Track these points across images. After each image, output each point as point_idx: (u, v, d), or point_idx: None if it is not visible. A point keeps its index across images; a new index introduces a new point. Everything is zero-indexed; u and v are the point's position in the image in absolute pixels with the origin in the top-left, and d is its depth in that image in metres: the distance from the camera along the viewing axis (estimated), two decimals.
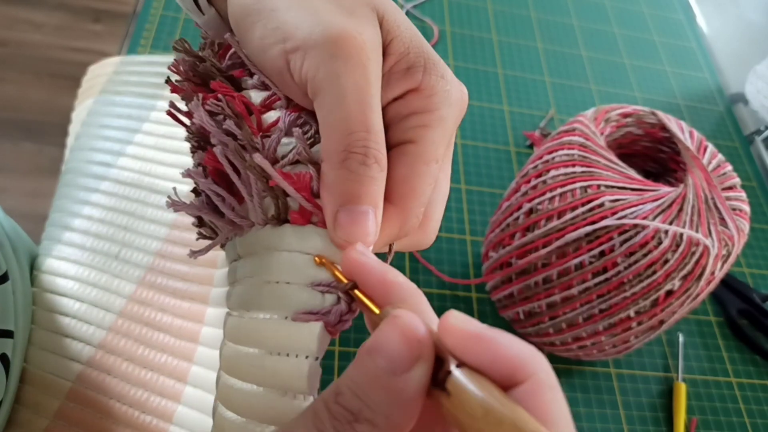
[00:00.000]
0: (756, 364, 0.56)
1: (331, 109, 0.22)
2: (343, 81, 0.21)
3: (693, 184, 0.43)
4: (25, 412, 0.34)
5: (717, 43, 0.85)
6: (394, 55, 0.23)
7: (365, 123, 0.21)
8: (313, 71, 0.22)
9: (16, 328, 0.35)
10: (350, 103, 0.21)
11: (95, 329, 0.38)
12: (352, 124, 0.21)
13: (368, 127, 0.21)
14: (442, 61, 0.25)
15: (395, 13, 0.24)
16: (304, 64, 0.22)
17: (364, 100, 0.21)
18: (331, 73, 0.22)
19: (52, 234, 0.43)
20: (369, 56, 0.22)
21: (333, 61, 0.22)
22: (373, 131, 0.21)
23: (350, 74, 0.21)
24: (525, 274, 0.46)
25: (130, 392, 0.35)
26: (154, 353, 0.37)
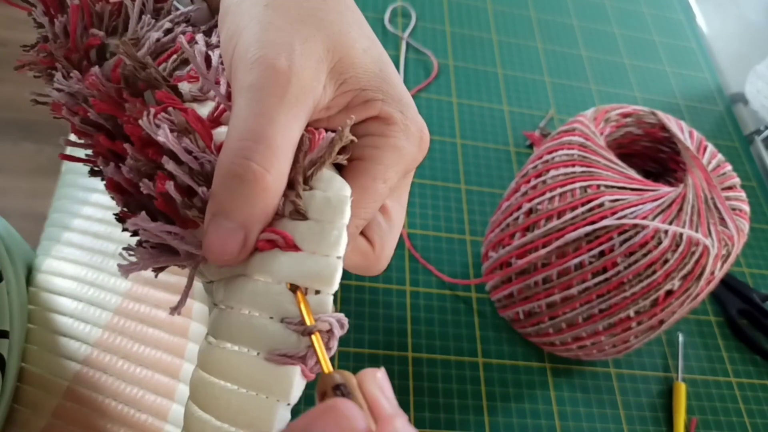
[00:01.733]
0: (756, 364, 0.56)
1: (232, 118, 0.21)
2: (251, 93, 0.21)
3: (693, 184, 0.43)
4: (23, 411, 0.35)
5: (717, 43, 0.85)
6: (350, 92, 0.23)
7: (257, 133, 0.20)
8: (233, 83, 0.22)
9: (12, 328, 0.35)
10: (248, 113, 0.21)
11: (91, 328, 0.38)
12: (242, 133, 0.20)
13: (258, 137, 0.20)
14: (406, 100, 0.25)
15: (355, 56, 0.24)
16: (234, 74, 0.22)
17: (266, 113, 0.21)
18: (243, 84, 0.21)
19: (51, 234, 0.43)
20: (290, 79, 0.21)
21: (250, 74, 0.21)
22: (264, 143, 0.20)
23: (262, 90, 0.21)
24: (525, 274, 0.46)
25: (125, 390, 0.36)
26: (148, 350, 0.37)
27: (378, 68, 0.24)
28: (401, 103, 0.24)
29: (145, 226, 0.21)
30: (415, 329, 0.50)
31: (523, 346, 0.51)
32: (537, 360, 0.51)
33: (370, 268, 0.26)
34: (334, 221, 0.21)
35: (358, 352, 0.47)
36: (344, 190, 0.22)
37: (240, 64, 0.22)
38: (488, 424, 0.46)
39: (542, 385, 0.50)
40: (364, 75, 0.24)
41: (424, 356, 0.48)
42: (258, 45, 0.22)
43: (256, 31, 0.22)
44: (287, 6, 0.23)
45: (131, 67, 0.23)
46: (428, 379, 0.47)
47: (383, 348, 0.48)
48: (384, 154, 0.24)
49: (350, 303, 0.49)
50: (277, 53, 0.21)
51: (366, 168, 0.23)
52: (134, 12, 0.27)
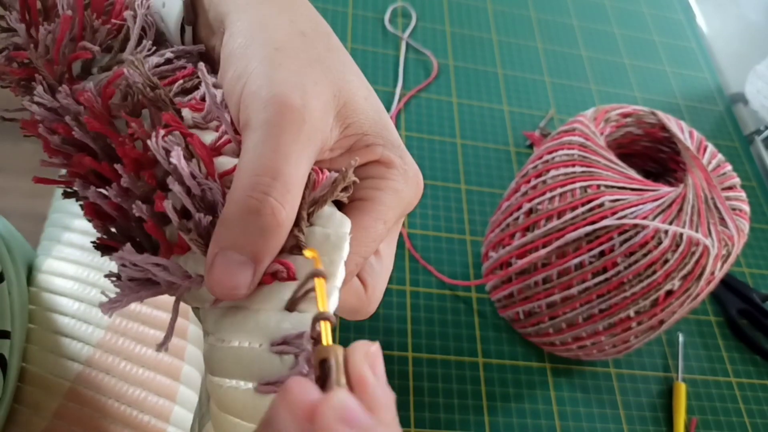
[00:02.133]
0: (756, 364, 0.56)
1: (247, 152, 0.21)
2: (267, 129, 0.21)
3: (693, 184, 0.43)
4: (25, 411, 0.34)
5: (717, 43, 0.85)
6: (353, 136, 0.25)
7: (274, 169, 0.21)
8: (245, 119, 0.22)
9: (13, 329, 0.35)
10: (265, 149, 0.21)
11: (93, 328, 0.38)
12: (260, 168, 0.21)
13: (276, 174, 0.20)
14: (404, 148, 0.26)
15: (357, 103, 0.25)
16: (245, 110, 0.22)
17: (282, 150, 0.21)
18: (258, 121, 0.22)
19: (51, 234, 0.43)
20: (304, 119, 0.22)
21: (265, 111, 0.22)
22: (281, 180, 0.20)
23: (278, 127, 0.21)
24: (525, 274, 0.46)
25: (128, 391, 0.36)
26: (150, 351, 0.37)
27: (378, 116, 0.25)
28: (399, 149, 0.26)
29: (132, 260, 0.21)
30: (415, 329, 0.50)
31: (523, 346, 0.51)
32: (537, 360, 0.51)
33: (361, 311, 0.26)
34: (333, 256, 0.22)
35: None
36: (344, 226, 0.23)
37: (252, 101, 0.22)
38: (488, 424, 0.46)
39: (542, 385, 0.50)
40: (365, 121, 0.25)
41: (424, 356, 0.48)
42: (271, 84, 0.22)
43: (267, 71, 0.23)
44: (296, 51, 0.24)
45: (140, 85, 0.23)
46: (428, 379, 0.47)
47: (383, 348, 0.48)
48: (385, 196, 0.25)
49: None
50: (291, 92, 0.22)
51: (368, 208, 0.24)
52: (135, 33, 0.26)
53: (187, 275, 0.21)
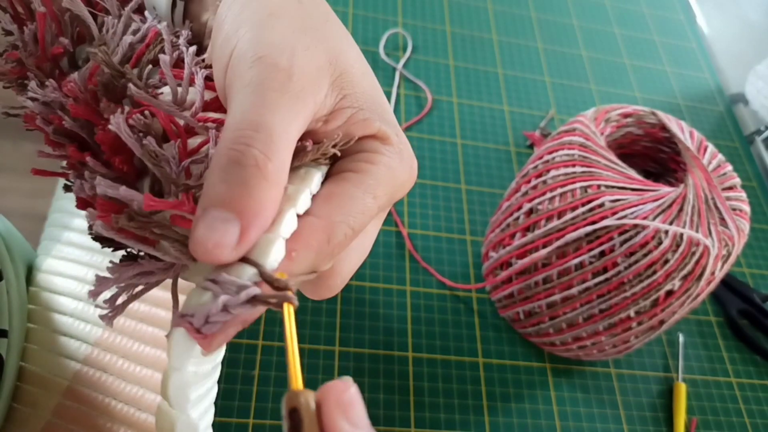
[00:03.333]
0: (756, 364, 0.56)
1: (231, 111, 0.20)
2: (251, 87, 0.20)
3: (693, 184, 0.43)
4: (23, 410, 0.35)
5: (717, 43, 0.85)
6: (349, 108, 0.23)
7: (257, 122, 0.19)
8: (231, 81, 0.21)
9: (11, 328, 0.35)
10: (249, 105, 0.20)
11: (91, 327, 0.38)
12: (242, 122, 0.20)
13: (258, 126, 0.19)
14: (400, 129, 0.25)
15: (354, 75, 0.24)
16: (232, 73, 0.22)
17: (267, 104, 0.20)
18: (243, 80, 0.21)
19: (51, 234, 0.43)
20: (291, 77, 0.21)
21: (250, 71, 0.21)
22: (263, 131, 0.19)
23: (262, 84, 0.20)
24: (525, 274, 0.46)
25: (126, 389, 0.36)
26: (148, 349, 0.37)
27: (375, 93, 0.24)
28: (396, 128, 0.24)
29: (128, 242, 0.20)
30: (415, 329, 0.50)
31: (523, 346, 0.51)
32: (537, 360, 0.51)
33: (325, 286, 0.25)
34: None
35: (358, 352, 0.47)
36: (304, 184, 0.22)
37: (238, 64, 0.21)
38: (488, 424, 0.46)
39: (542, 385, 0.50)
40: (362, 95, 0.24)
41: (424, 356, 0.48)
42: (258, 46, 0.21)
43: (256, 34, 0.22)
44: (290, 17, 0.23)
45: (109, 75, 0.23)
46: (428, 379, 0.47)
47: (383, 348, 0.48)
48: (377, 170, 0.23)
49: (350, 303, 0.49)
50: (279, 53, 0.21)
51: (359, 179, 0.23)
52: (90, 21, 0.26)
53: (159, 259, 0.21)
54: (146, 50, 0.25)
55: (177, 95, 0.23)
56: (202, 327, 0.17)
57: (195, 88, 0.23)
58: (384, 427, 0.44)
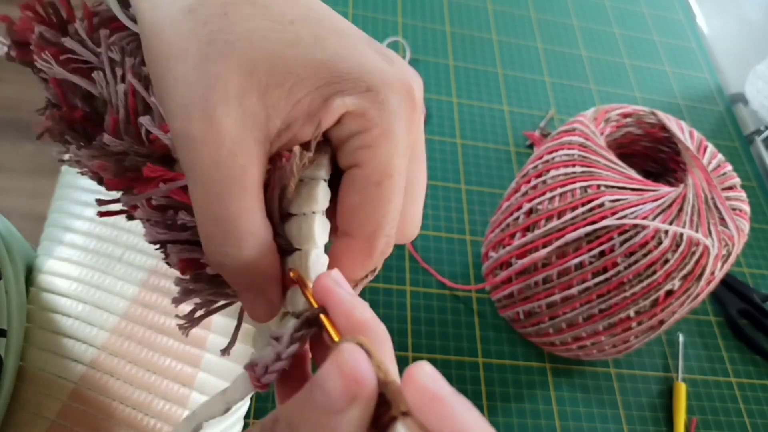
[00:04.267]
0: (756, 364, 0.56)
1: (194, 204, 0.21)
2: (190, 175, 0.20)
3: (693, 184, 0.43)
4: (24, 412, 0.34)
5: (717, 43, 0.85)
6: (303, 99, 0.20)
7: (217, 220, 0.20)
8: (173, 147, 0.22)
9: (10, 328, 0.35)
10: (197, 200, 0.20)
11: (98, 331, 0.38)
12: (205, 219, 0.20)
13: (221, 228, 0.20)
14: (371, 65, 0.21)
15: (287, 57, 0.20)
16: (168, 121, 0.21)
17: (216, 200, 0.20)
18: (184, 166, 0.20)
19: (52, 235, 0.43)
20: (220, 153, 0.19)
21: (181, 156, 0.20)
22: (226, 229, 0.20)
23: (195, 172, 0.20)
24: (525, 274, 0.46)
25: (133, 394, 0.36)
26: (157, 356, 0.37)
27: (318, 50, 0.20)
28: (365, 73, 0.20)
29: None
30: (415, 329, 0.50)
31: (523, 346, 0.51)
32: (537, 360, 0.51)
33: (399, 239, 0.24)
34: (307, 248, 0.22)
35: None
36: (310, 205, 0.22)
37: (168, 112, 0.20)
38: None
39: (542, 385, 0.50)
40: (306, 72, 0.20)
41: (424, 356, 0.48)
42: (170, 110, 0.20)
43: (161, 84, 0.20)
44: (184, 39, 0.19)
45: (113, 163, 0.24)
46: None
47: None
48: (376, 150, 0.21)
49: None
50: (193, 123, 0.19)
51: (364, 175, 0.21)
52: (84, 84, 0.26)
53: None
54: (135, 102, 0.25)
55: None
56: (262, 377, 0.20)
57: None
58: None
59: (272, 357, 0.20)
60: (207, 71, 0.19)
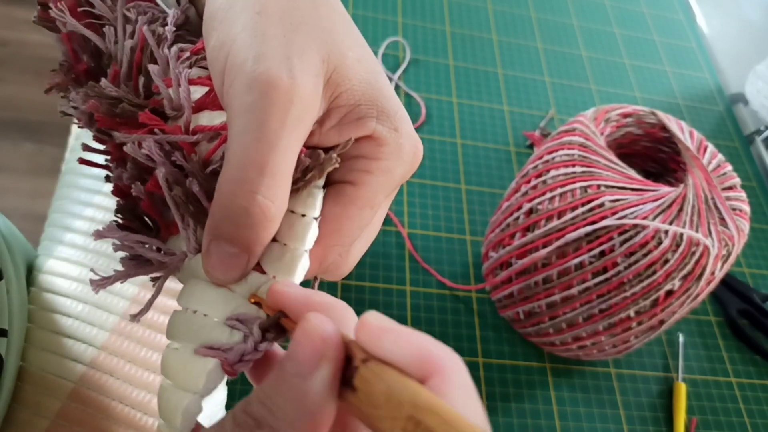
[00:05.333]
0: (756, 364, 0.56)
1: (232, 141, 0.21)
2: (252, 116, 0.20)
3: (693, 184, 0.43)
4: (24, 412, 0.34)
5: (717, 43, 0.85)
6: (344, 107, 0.23)
7: (260, 163, 0.20)
8: (230, 99, 0.21)
9: (11, 328, 0.35)
10: (251, 139, 0.20)
11: (98, 330, 0.38)
12: (245, 160, 0.20)
13: (262, 168, 0.20)
14: (401, 113, 0.24)
15: (349, 67, 0.23)
16: (229, 89, 0.21)
17: (268, 139, 0.20)
18: (243, 105, 0.21)
19: (52, 235, 0.43)
20: (292, 100, 0.20)
21: (250, 94, 0.20)
22: (267, 174, 0.20)
23: (263, 111, 0.20)
24: (525, 274, 0.46)
25: (132, 394, 0.36)
26: (156, 355, 0.37)
27: (373, 78, 0.23)
28: (395, 118, 0.23)
29: (109, 236, 0.22)
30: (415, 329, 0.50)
31: (523, 346, 0.51)
32: (537, 360, 0.51)
33: (334, 274, 0.26)
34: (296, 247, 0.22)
35: None
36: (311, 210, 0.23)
37: (237, 78, 0.21)
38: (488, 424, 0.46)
39: (542, 385, 0.50)
40: (358, 87, 0.23)
41: None
42: (255, 59, 0.21)
43: (250, 43, 0.21)
44: (279, 14, 0.22)
45: (106, 106, 0.24)
46: None
47: None
48: (374, 179, 0.23)
49: (350, 303, 0.49)
50: (277, 69, 0.21)
51: (354, 195, 0.23)
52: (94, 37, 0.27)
53: (172, 253, 0.23)
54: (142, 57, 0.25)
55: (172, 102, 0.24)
56: (235, 364, 0.20)
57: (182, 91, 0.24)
58: None
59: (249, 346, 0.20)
60: (296, 41, 0.21)
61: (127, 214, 0.24)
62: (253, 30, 0.21)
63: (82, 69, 0.28)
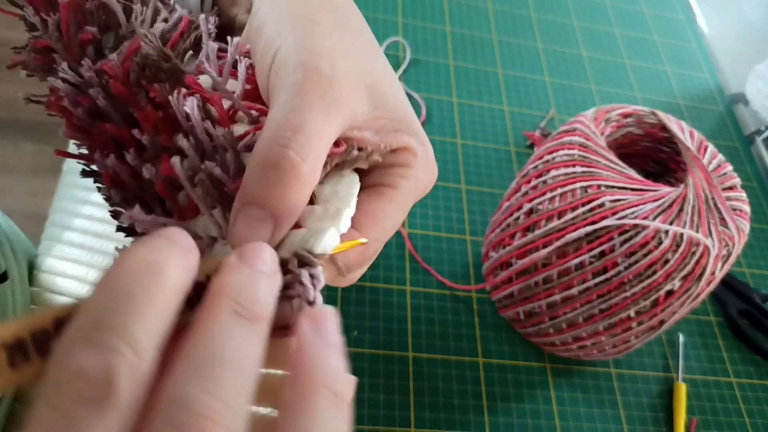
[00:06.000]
0: (756, 364, 0.56)
1: (272, 111, 0.22)
2: (293, 89, 0.21)
3: (693, 184, 0.43)
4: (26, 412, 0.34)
5: (717, 43, 0.85)
6: (383, 118, 0.25)
7: (295, 124, 0.21)
8: (274, 83, 0.22)
9: None
10: (289, 107, 0.21)
11: None
12: (282, 123, 0.21)
13: (296, 128, 0.20)
14: (424, 134, 0.27)
15: (387, 85, 0.25)
16: (275, 76, 0.23)
17: (306, 107, 0.21)
18: (286, 83, 0.22)
19: (52, 234, 0.43)
20: (331, 85, 0.22)
21: (294, 75, 0.22)
22: (302, 134, 0.20)
23: (303, 87, 0.21)
24: (525, 274, 0.46)
25: None
26: None
27: (403, 102, 0.26)
28: (422, 136, 0.26)
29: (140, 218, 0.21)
30: (415, 329, 0.50)
31: (523, 346, 0.51)
32: (537, 360, 0.51)
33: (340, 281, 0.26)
34: (339, 205, 0.22)
35: (358, 352, 0.47)
36: (353, 186, 0.24)
37: (282, 67, 0.22)
38: (488, 424, 0.46)
39: (542, 385, 0.50)
40: (394, 105, 0.25)
41: (424, 356, 0.48)
42: (302, 51, 0.22)
43: (299, 39, 0.23)
44: (330, 25, 0.24)
45: (155, 57, 0.23)
46: (428, 379, 0.47)
47: (383, 348, 0.48)
48: (409, 184, 0.26)
49: (350, 303, 0.49)
50: (321, 59, 0.22)
51: (393, 195, 0.25)
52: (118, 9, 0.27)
53: (197, 238, 0.22)
54: (180, 38, 0.26)
55: (217, 83, 0.24)
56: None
57: (236, 79, 0.24)
58: (384, 427, 0.44)
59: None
60: (342, 47, 0.23)
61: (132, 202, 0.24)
62: (303, 31, 0.23)
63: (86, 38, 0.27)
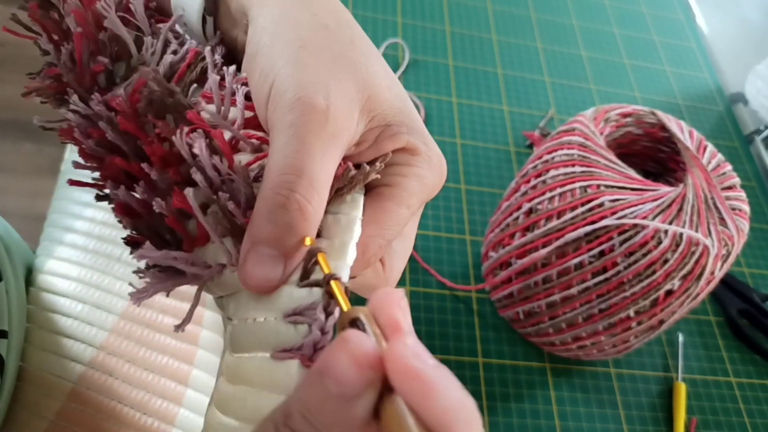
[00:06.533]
0: (756, 364, 0.56)
1: (274, 152, 0.22)
2: (292, 131, 0.22)
3: (693, 183, 0.43)
4: (24, 412, 0.34)
5: (717, 43, 0.85)
6: (378, 128, 0.25)
7: (298, 167, 0.22)
8: (273, 120, 0.23)
9: (11, 328, 0.35)
10: (291, 149, 0.22)
11: (97, 330, 0.38)
12: (285, 167, 0.22)
13: (300, 171, 0.21)
14: (427, 133, 0.27)
15: (381, 94, 0.25)
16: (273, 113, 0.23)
17: (307, 148, 0.22)
18: (285, 123, 0.23)
19: (52, 235, 0.43)
20: (327, 119, 0.23)
21: (291, 113, 0.22)
22: (306, 177, 0.22)
23: (302, 127, 0.22)
24: (525, 274, 0.46)
25: (131, 393, 0.36)
26: (155, 355, 0.37)
27: (402, 104, 0.26)
28: (423, 135, 0.26)
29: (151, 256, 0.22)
30: (415, 329, 0.49)
31: (523, 346, 0.51)
32: (537, 360, 0.51)
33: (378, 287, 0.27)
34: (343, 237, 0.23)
35: None
36: (355, 210, 0.24)
37: (279, 102, 0.23)
38: (488, 424, 0.46)
39: (542, 385, 0.50)
40: (390, 111, 0.25)
41: None
42: (296, 85, 0.23)
43: (292, 72, 0.23)
44: (320, 48, 0.24)
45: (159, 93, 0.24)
46: None
47: None
48: (409, 182, 0.26)
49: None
50: (315, 93, 0.23)
51: (392, 194, 0.25)
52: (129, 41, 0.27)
53: (207, 266, 0.23)
54: (187, 70, 0.26)
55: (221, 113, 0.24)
56: (313, 356, 0.20)
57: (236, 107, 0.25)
58: None
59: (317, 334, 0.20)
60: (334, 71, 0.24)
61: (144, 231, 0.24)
62: (295, 62, 0.24)
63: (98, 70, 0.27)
